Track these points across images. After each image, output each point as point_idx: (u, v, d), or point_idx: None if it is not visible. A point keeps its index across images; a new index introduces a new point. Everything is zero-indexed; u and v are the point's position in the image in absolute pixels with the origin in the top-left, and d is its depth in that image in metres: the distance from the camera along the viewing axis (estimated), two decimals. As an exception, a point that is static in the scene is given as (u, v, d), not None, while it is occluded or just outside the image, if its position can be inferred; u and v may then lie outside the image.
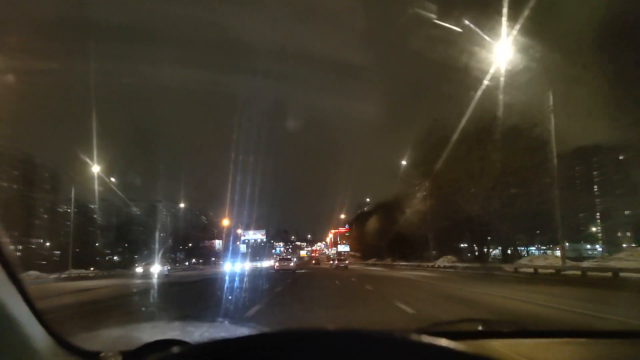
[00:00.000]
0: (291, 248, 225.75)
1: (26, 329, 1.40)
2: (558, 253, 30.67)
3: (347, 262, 57.93)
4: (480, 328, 2.27)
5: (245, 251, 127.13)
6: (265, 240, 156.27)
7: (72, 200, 46.50)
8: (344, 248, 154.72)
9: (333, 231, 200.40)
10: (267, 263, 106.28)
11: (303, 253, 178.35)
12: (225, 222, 75.48)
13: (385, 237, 57.97)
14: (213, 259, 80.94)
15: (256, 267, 65.96)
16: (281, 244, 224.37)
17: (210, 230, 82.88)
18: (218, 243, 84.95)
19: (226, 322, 3.28)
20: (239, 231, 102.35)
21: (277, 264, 41.70)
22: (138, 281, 28.65)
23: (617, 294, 14.15)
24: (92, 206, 59.56)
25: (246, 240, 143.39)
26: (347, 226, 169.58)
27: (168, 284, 24.62)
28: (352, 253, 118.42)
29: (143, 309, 11.53)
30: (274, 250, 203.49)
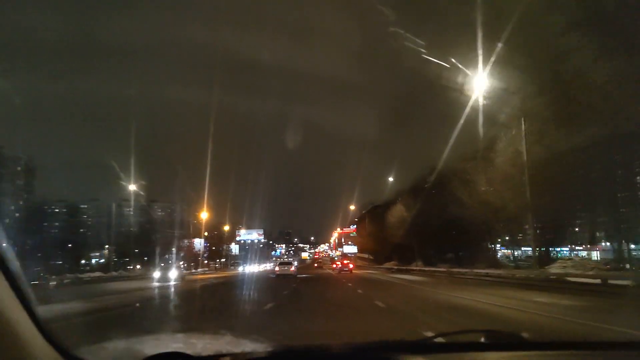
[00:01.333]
0: (293, 250, 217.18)
1: (29, 342, 1.38)
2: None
3: (351, 266, 52.46)
4: (482, 340, 2.29)
5: (239, 253, 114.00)
6: (262, 240, 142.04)
7: None
8: (350, 249, 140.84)
9: (337, 231, 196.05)
10: (261, 267, 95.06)
11: (305, 255, 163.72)
12: (204, 215, 61.52)
13: (420, 232, 42.26)
14: (182, 263, 66.83)
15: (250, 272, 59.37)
16: (282, 246, 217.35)
17: (190, 229, 68.79)
18: (199, 243, 70.90)
19: (229, 334, 3.07)
20: (229, 230, 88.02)
21: (277, 268, 39.89)
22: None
23: None
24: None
25: (240, 241, 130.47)
26: (353, 226, 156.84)
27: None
28: (363, 255, 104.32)
29: None
30: (273, 252, 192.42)
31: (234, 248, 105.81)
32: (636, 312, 10.88)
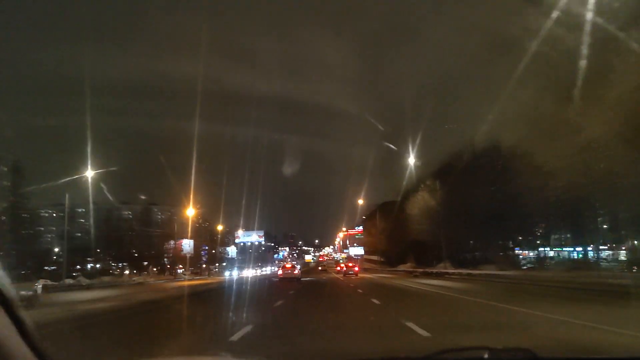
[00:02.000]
0: (297, 253, 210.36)
1: (13, 351, 1.36)
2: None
3: (356, 268, 49.84)
4: (486, 356, 2.32)
5: (237, 256, 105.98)
6: (263, 242, 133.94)
7: None
8: (356, 251, 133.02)
9: (342, 233, 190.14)
10: (260, 271, 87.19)
11: (308, 258, 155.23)
12: (190, 212, 53.40)
13: (455, 223, 32.58)
14: (153, 268, 59.00)
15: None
16: (286, 248, 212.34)
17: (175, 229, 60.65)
18: (188, 244, 62.63)
19: (229, 356, 3.23)
20: (223, 230, 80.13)
21: (280, 271, 39.81)
22: None
23: None
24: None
25: (240, 244, 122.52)
26: (359, 227, 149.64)
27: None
28: (371, 257, 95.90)
29: None
30: (276, 256, 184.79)
31: (231, 251, 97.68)
32: None
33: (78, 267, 57.23)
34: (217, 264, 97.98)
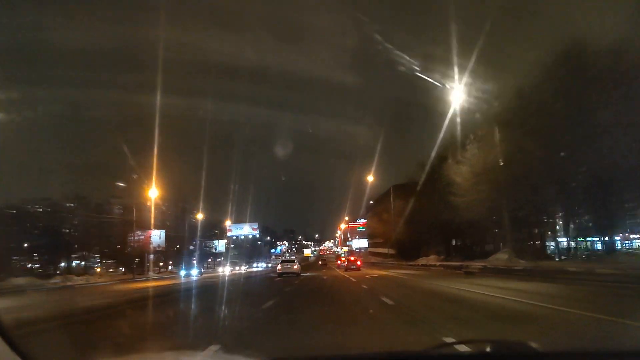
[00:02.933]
0: (296, 247, 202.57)
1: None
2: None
3: (359, 263, 46.18)
4: (488, 350, 2.26)
5: (228, 251, 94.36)
6: (258, 235, 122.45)
7: None
8: (359, 244, 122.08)
9: (344, 226, 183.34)
10: (249, 269, 75.79)
11: (307, 252, 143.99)
12: (153, 194, 42.03)
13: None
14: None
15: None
16: (285, 243, 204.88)
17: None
18: (158, 236, 51.06)
19: (220, 352, 3.24)
20: (203, 219, 69.12)
21: (279, 266, 36.47)
22: None
23: None
24: None
25: (232, 237, 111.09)
26: (362, 220, 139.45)
27: None
28: (378, 250, 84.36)
29: None
30: (273, 250, 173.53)
31: (219, 245, 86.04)
32: None
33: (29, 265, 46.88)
34: (209, 260, 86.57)
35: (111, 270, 53.72)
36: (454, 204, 25.51)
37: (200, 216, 59.85)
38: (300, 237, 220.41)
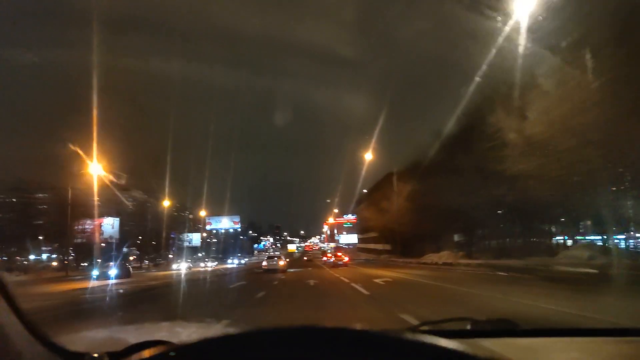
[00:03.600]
0: (281, 243, 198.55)
1: (7, 330, 1.36)
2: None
3: (346, 259, 41.89)
4: (468, 327, 2.24)
5: (203, 245, 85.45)
6: (239, 229, 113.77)
7: None
8: (347, 239, 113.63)
9: (331, 219, 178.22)
10: (222, 265, 67.39)
11: (292, 247, 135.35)
12: (96, 170, 33.14)
13: None
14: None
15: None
16: (269, 238, 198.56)
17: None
18: (110, 225, 42.11)
19: (214, 322, 3.23)
20: (170, 207, 60.49)
21: (264, 262, 34.71)
22: None
23: None
24: None
25: (212, 231, 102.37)
26: (351, 216, 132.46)
27: None
28: (369, 246, 76.21)
29: None
30: (256, 246, 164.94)
31: (193, 238, 76.85)
32: None
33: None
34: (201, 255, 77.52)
35: (54, 264, 44.90)
36: (506, 175, 17.22)
37: (166, 203, 50.78)
38: (285, 234, 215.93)
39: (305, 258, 78.09)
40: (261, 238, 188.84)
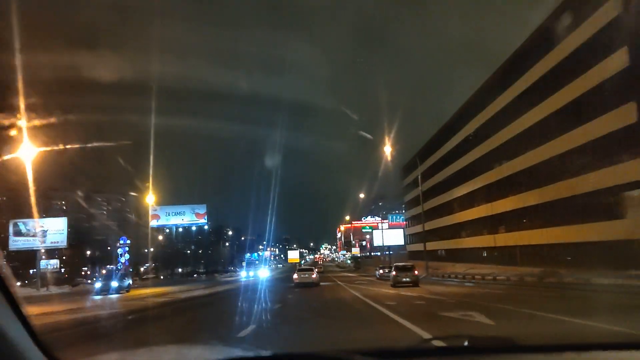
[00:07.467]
0: (284, 254, 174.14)
1: (23, 352, 1.35)
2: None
3: (416, 272, 27.65)
4: (466, 344, 2.27)
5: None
6: (205, 227, 75.96)
7: None
8: (388, 238, 68.84)
9: (343, 227, 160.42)
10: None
11: (294, 256, 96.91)
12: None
13: None
14: None
15: None
16: (265, 245, 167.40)
17: None
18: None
19: (220, 345, 3.16)
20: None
21: (295, 275, 32.67)
22: None
23: None
24: None
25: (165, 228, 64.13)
26: (400, 217, 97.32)
27: None
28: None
29: None
30: (249, 255, 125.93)
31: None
32: None
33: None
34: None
35: None
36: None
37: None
38: (294, 245, 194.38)
39: (313, 275, 43.93)
40: (259, 246, 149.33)
